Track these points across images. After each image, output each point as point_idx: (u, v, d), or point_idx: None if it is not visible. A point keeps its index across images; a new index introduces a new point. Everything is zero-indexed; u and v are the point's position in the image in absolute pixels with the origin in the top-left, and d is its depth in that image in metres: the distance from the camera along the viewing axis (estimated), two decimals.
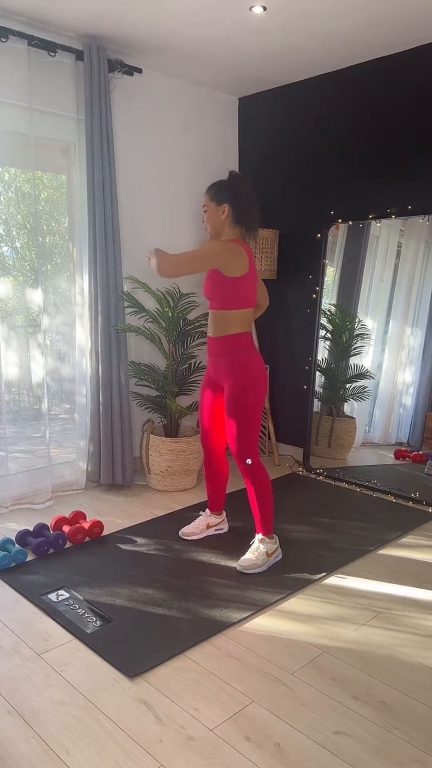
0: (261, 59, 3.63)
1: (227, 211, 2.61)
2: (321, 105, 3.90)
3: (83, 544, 2.97)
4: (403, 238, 3.71)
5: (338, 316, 4.02)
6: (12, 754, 1.67)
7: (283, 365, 4.37)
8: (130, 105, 3.71)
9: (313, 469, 4.10)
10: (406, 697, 1.93)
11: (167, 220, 4.02)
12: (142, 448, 3.74)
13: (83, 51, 3.28)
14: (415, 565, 2.80)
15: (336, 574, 2.71)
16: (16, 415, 3.59)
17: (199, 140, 4.14)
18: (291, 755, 1.68)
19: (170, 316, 3.60)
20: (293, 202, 4.16)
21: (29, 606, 2.41)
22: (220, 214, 2.62)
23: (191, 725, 1.79)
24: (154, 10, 2.99)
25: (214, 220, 2.65)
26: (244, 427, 2.66)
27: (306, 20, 3.09)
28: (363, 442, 4.04)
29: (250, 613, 2.36)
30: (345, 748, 1.71)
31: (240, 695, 1.92)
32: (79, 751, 1.69)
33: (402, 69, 3.49)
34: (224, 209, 2.61)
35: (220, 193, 2.62)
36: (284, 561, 2.80)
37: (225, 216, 2.62)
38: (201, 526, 3.04)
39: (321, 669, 2.06)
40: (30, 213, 3.38)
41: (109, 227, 3.45)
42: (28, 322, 3.51)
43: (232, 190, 2.62)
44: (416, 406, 3.76)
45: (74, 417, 3.69)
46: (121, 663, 2.05)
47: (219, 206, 2.62)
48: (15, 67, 3.12)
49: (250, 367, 2.66)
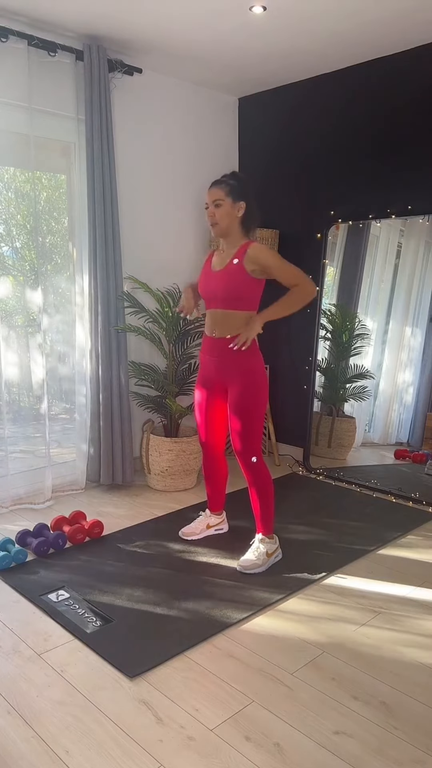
0: (261, 59, 3.63)
1: (244, 209, 2.56)
2: (321, 105, 3.90)
3: (83, 544, 2.96)
4: (403, 238, 3.71)
5: (338, 316, 4.02)
6: (12, 754, 1.67)
7: (283, 365, 4.37)
8: (130, 105, 3.71)
9: (313, 469, 4.10)
10: (406, 697, 1.93)
11: (167, 220, 4.02)
12: (142, 448, 3.74)
13: (83, 51, 3.27)
14: (415, 565, 2.80)
15: (336, 574, 2.71)
16: (16, 415, 3.59)
17: (199, 140, 4.14)
18: (291, 755, 1.68)
19: (170, 316, 3.60)
20: (293, 202, 4.16)
21: (29, 606, 2.41)
22: (236, 211, 2.56)
23: (191, 725, 1.79)
24: (154, 10, 2.99)
25: (230, 217, 2.56)
26: (251, 425, 2.65)
27: (306, 20, 3.09)
28: (363, 442, 4.04)
29: (250, 613, 2.36)
30: (345, 748, 1.71)
31: (240, 695, 1.92)
32: (79, 751, 1.69)
33: (402, 69, 3.49)
34: (241, 206, 2.56)
35: (238, 190, 2.55)
36: (284, 561, 2.80)
37: (242, 213, 2.57)
38: (201, 526, 3.04)
39: (321, 669, 2.06)
40: (30, 213, 3.38)
41: (109, 227, 3.44)
42: (28, 322, 3.51)
43: (249, 189, 2.58)
44: (416, 406, 3.76)
45: (74, 417, 3.69)
46: (121, 663, 2.05)
47: (236, 203, 2.55)
48: (15, 67, 3.11)
49: (258, 367, 2.66)
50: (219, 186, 2.57)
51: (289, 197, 4.18)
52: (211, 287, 2.65)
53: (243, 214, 2.57)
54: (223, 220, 2.56)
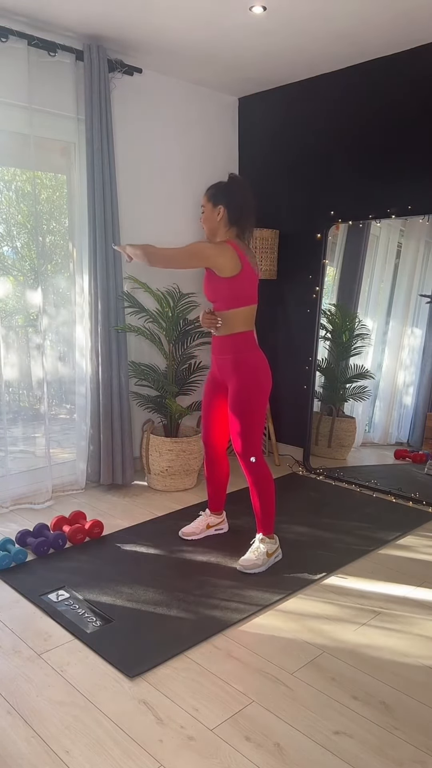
0: (261, 59, 3.63)
1: (222, 213, 2.65)
2: (321, 105, 3.91)
3: (83, 544, 2.96)
4: (403, 238, 3.71)
5: (338, 316, 4.02)
6: (12, 754, 1.67)
7: (283, 365, 4.37)
8: (130, 105, 3.71)
9: (313, 469, 4.10)
10: (406, 697, 1.93)
11: (167, 220, 4.02)
12: (142, 448, 3.74)
13: (83, 51, 3.28)
14: (415, 565, 2.80)
15: (336, 574, 2.71)
16: (16, 415, 3.59)
17: (199, 140, 4.14)
18: (291, 755, 1.68)
19: (170, 316, 3.60)
20: (293, 202, 4.16)
21: (29, 606, 2.41)
22: (216, 215, 2.67)
23: (191, 725, 1.79)
24: (154, 10, 2.99)
25: (211, 221, 2.70)
26: (249, 425, 2.66)
27: (306, 20, 3.09)
28: (363, 442, 4.04)
29: (250, 613, 2.36)
30: (345, 748, 1.71)
31: (240, 695, 1.92)
32: (79, 751, 1.69)
33: (402, 69, 3.49)
34: (219, 210, 2.65)
35: (216, 194, 2.67)
36: (284, 561, 2.80)
37: (220, 217, 2.66)
38: (201, 526, 3.05)
39: (321, 669, 2.06)
40: (30, 213, 3.38)
41: (109, 227, 3.45)
42: (28, 322, 3.51)
43: (228, 192, 2.66)
44: (416, 406, 3.76)
45: (74, 417, 3.69)
46: (121, 663, 2.05)
47: (215, 207, 2.66)
48: (15, 67, 3.11)
49: (255, 365, 2.67)
50: (205, 193, 2.73)
51: (289, 197, 4.18)
52: (205, 290, 2.77)
53: (223, 218, 2.66)
54: (205, 224, 2.74)
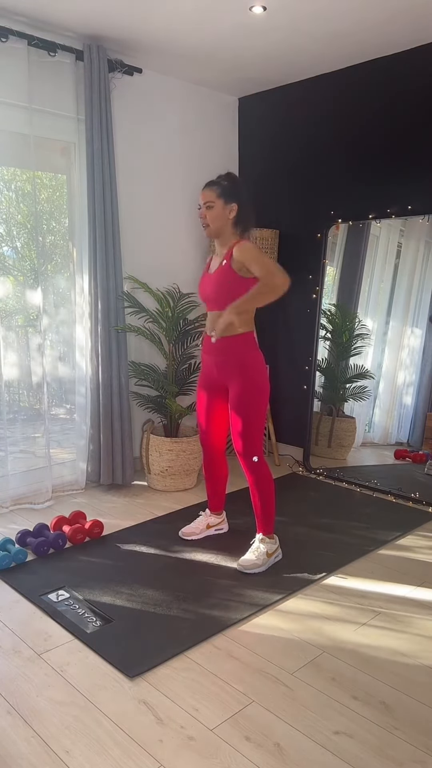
0: (261, 59, 3.63)
1: (235, 211, 2.57)
2: (321, 105, 3.90)
3: (83, 544, 2.96)
4: (403, 238, 3.71)
5: (338, 316, 4.02)
6: (12, 754, 1.67)
7: (283, 365, 4.37)
8: (130, 105, 3.71)
9: (313, 469, 4.10)
10: (406, 697, 1.93)
11: (167, 220, 4.02)
12: (142, 448, 3.74)
13: (83, 51, 3.28)
14: (415, 565, 2.80)
15: (336, 574, 2.71)
16: (16, 415, 3.59)
17: (199, 140, 4.14)
18: (291, 755, 1.68)
19: (170, 316, 3.60)
20: (293, 202, 4.16)
21: (29, 606, 2.41)
22: (228, 213, 2.57)
23: (191, 725, 1.79)
24: (154, 10, 2.99)
25: (221, 219, 2.58)
26: (252, 425, 2.65)
27: (306, 20, 3.09)
28: (363, 442, 4.04)
29: (250, 613, 2.36)
30: (345, 748, 1.71)
31: (240, 695, 1.92)
32: (79, 751, 1.69)
33: (402, 69, 3.49)
34: (233, 208, 2.56)
35: (230, 191, 2.57)
36: (284, 561, 2.80)
37: (233, 215, 2.57)
38: (201, 526, 3.04)
39: (321, 669, 2.06)
40: (30, 213, 3.38)
41: (109, 227, 3.45)
42: (28, 322, 3.51)
43: (241, 190, 2.59)
44: (416, 406, 3.76)
45: (74, 417, 3.68)
46: (121, 663, 2.05)
47: (227, 205, 2.56)
48: (15, 67, 3.11)
49: (259, 365, 2.66)
50: (211, 187, 2.58)
51: (289, 197, 4.18)
52: (207, 289, 2.68)
53: (235, 216, 2.58)
54: (214, 222, 2.58)
